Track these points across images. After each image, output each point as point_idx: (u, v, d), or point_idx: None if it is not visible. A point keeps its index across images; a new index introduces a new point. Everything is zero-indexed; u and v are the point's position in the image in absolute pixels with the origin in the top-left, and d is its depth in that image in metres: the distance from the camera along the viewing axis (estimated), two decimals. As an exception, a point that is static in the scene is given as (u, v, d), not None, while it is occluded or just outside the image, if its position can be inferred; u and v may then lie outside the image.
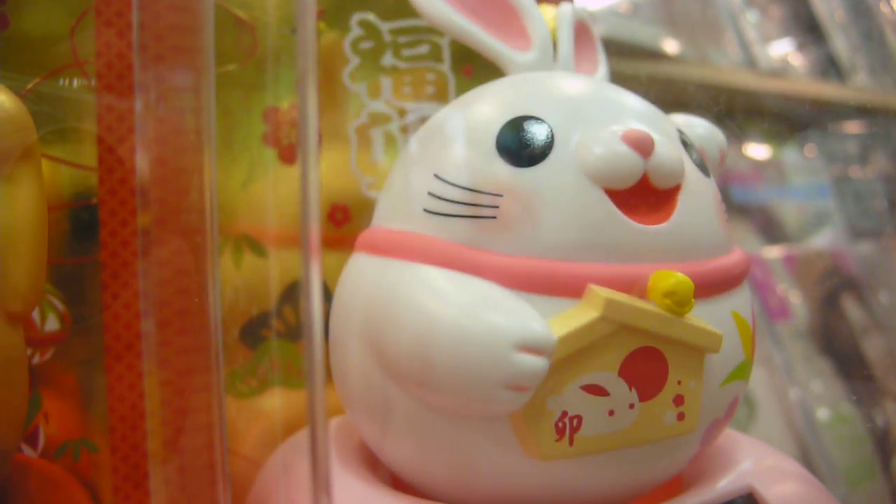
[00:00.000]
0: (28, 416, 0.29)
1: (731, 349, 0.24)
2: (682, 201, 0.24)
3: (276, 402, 0.33)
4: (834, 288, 0.67)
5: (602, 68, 0.31)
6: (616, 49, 0.63)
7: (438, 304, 0.22)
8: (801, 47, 0.80)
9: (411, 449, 0.24)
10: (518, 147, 0.23)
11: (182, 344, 0.28)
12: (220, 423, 0.25)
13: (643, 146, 0.22)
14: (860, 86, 0.77)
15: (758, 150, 0.76)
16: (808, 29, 0.80)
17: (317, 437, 0.18)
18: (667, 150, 0.23)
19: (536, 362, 0.20)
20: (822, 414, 0.60)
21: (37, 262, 0.25)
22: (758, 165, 0.76)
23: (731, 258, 0.25)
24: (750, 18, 0.78)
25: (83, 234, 0.30)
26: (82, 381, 0.31)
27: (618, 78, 0.31)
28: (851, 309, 0.65)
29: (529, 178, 0.23)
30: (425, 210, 0.24)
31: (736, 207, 0.72)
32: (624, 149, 0.22)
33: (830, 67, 0.78)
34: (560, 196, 0.22)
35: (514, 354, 0.20)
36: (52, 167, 0.30)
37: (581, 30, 0.30)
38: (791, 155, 0.77)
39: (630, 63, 0.65)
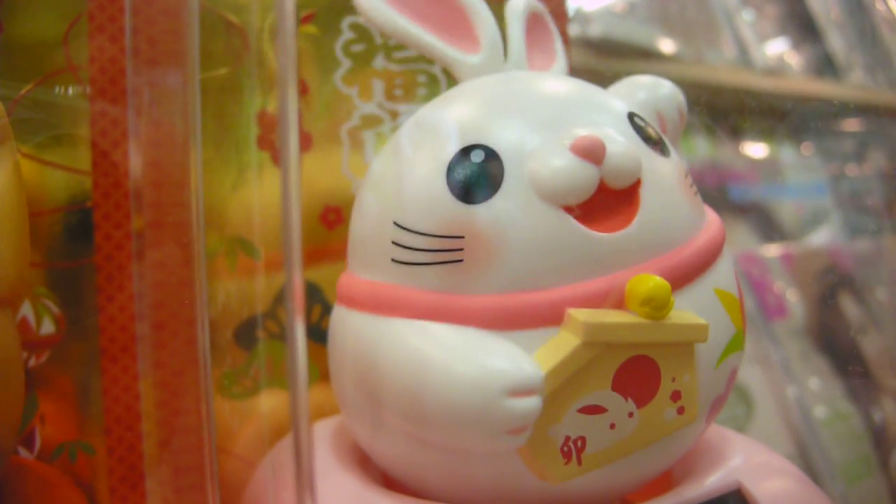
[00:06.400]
0: (24, 418, 0.29)
1: (721, 327, 0.23)
2: (644, 196, 0.23)
3: (269, 402, 0.34)
4: (831, 286, 0.67)
5: (559, 61, 0.30)
6: (612, 49, 0.64)
7: (420, 364, 0.22)
8: (796, 46, 0.80)
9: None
10: (469, 184, 0.22)
11: (176, 346, 0.28)
12: (209, 423, 0.25)
13: (594, 154, 0.22)
14: (856, 84, 0.77)
15: (754, 149, 0.76)
16: (804, 27, 0.80)
17: (300, 437, 0.18)
18: (620, 148, 0.22)
19: (529, 403, 0.20)
20: (820, 411, 0.60)
21: (20, 245, 0.24)
22: (754, 164, 0.76)
23: (704, 236, 0.24)
24: (745, 17, 0.78)
25: (78, 237, 0.30)
26: (78, 384, 0.31)
27: (613, 78, 0.30)
28: (849, 307, 0.65)
29: (487, 214, 0.22)
30: (393, 260, 0.23)
31: (733, 206, 0.72)
32: (575, 162, 0.22)
33: (826, 66, 0.78)
34: (520, 226, 0.22)
35: (506, 401, 0.20)
36: (48, 171, 0.30)
37: (536, 23, 0.29)
38: (788, 153, 0.77)
39: (626, 63, 0.65)
